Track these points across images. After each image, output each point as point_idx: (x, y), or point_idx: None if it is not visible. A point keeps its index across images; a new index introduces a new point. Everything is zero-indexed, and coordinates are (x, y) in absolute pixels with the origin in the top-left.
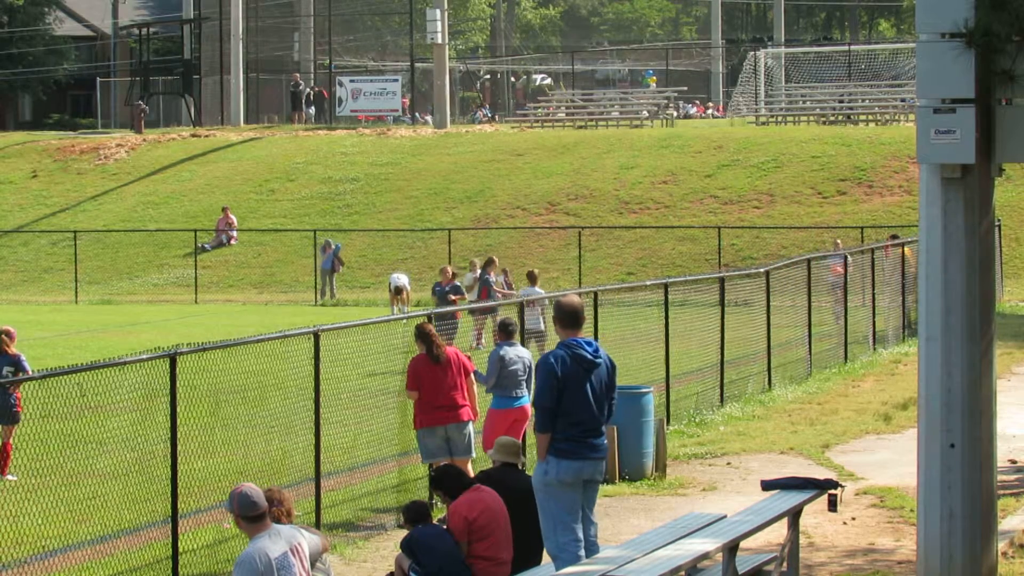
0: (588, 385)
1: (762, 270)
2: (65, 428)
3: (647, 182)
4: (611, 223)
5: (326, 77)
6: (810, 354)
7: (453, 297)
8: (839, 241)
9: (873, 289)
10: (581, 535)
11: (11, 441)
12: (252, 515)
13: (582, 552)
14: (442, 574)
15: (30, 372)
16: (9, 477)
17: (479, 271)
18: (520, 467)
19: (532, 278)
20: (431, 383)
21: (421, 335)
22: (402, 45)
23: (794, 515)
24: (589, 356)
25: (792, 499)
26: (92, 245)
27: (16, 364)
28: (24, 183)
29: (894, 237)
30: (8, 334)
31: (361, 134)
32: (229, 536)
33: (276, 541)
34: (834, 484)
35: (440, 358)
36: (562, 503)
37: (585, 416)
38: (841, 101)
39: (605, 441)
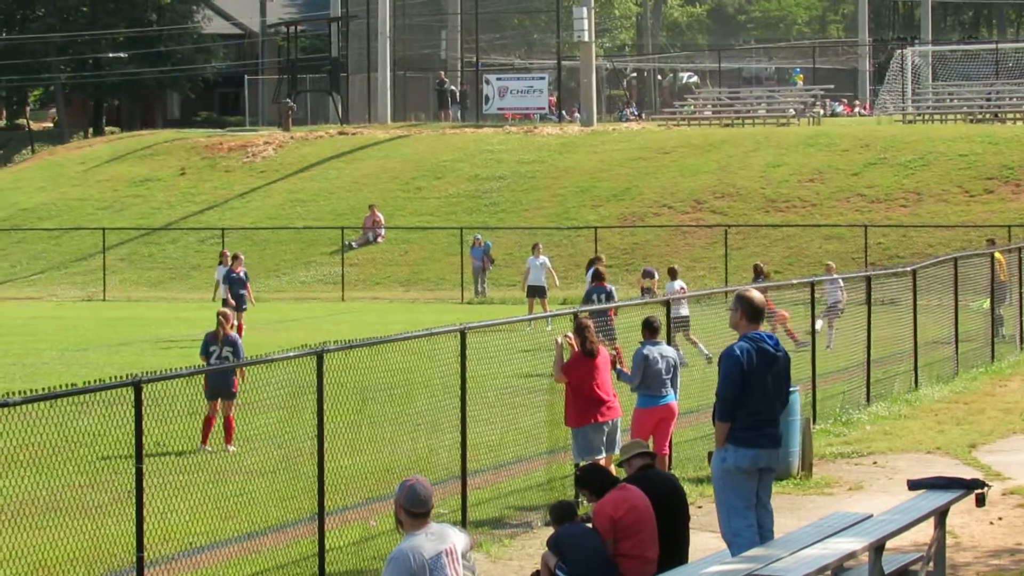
0: (768, 377)
1: (909, 269)
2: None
3: (793, 180)
4: (757, 221)
5: (473, 75)
6: (957, 353)
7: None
8: (831, 264)
9: (1021, 289)
10: (755, 522)
11: (232, 415)
12: (416, 511)
13: (757, 537)
14: (589, 572)
15: (243, 354)
16: (230, 448)
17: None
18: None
19: (673, 274)
20: (588, 378)
21: (577, 329)
22: (549, 43)
23: (941, 515)
24: (771, 350)
25: (939, 499)
26: (239, 242)
27: (234, 345)
28: (173, 180)
29: (991, 242)
30: (225, 316)
31: (508, 132)
32: (375, 534)
33: (432, 540)
34: (981, 484)
35: (594, 352)
36: (737, 490)
37: (763, 407)
38: (988, 99)
39: (780, 432)
